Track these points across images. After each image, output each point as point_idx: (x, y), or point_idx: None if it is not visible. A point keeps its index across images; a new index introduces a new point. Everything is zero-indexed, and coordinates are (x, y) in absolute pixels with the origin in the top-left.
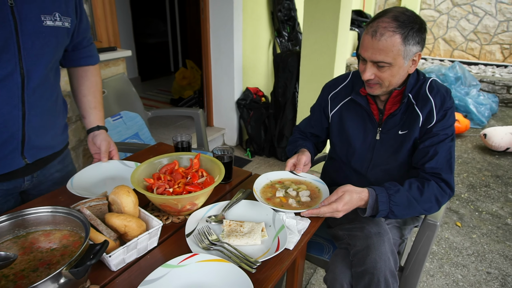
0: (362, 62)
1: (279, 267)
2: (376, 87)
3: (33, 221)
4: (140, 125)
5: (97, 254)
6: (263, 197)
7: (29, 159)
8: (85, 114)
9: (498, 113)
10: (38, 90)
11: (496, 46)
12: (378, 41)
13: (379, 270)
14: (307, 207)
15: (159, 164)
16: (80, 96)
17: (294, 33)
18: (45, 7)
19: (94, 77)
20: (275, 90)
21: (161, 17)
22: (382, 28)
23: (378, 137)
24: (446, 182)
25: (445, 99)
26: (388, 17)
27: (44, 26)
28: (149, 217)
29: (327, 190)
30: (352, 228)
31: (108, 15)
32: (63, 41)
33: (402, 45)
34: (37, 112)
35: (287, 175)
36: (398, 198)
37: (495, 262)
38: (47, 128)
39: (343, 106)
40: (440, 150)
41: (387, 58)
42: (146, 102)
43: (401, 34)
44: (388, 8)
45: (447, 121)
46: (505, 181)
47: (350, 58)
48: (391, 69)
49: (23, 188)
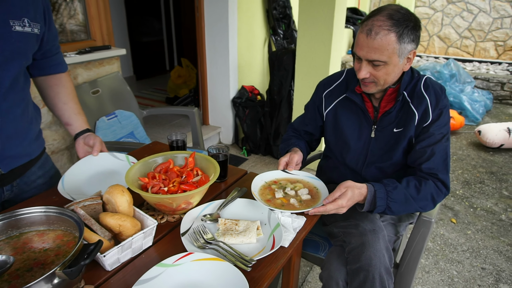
0: (357, 60)
1: (274, 265)
2: (371, 86)
3: (27, 221)
4: (135, 124)
5: (91, 254)
6: (263, 200)
7: (3, 169)
8: (70, 121)
9: (493, 110)
10: (9, 96)
11: (490, 43)
12: (373, 40)
13: (374, 267)
14: (309, 206)
15: (154, 163)
16: (60, 104)
17: (289, 31)
18: (13, 12)
19: (69, 83)
20: (270, 88)
21: (156, 15)
22: (377, 26)
23: (373, 134)
24: (443, 182)
25: (440, 97)
26: (382, 15)
27: (13, 31)
28: (144, 216)
29: (324, 186)
30: (347, 226)
31: (102, 13)
32: (32, 47)
33: (397, 43)
34: (10, 119)
35: (280, 174)
36: (396, 195)
37: (489, 258)
38: (21, 136)
39: (337, 104)
40: (437, 151)
41: (382, 56)
42: (141, 101)
43: (396, 32)
44: (382, 6)
45: (442, 120)
46: (500, 177)
47: (346, 55)
48: (386, 68)
49: (4, 198)
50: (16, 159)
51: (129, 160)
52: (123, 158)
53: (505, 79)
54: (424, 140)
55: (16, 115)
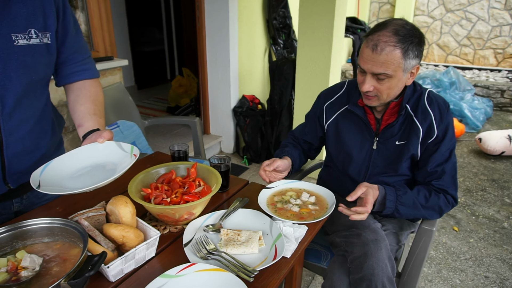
0: (361, 73)
1: (277, 276)
2: (374, 99)
3: (32, 232)
4: (137, 134)
5: (95, 265)
6: (274, 212)
7: (12, 184)
8: (82, 121)
9: (493, 117)
10: (16, 114)
11: (490, 50)
12: (378, 55)
13: (377, 276)
14: (321, 207)
15: (157, 174)
16: (77, 106)
17: (289, 40)
18: (16, 25)
19: (94, 88)
20: (271, 98)
21: (157, 26)
22: (383, 42)
23: (375, 146)
24: (452, 196)
25: (444, 112)
26: (388, 31)
27: (15, 46)
28: (146, 227)
29: (316, 186)
30: (349, 235)
31: (104, 24)
32: (42, 60)
33: (402, 59)
34: (17, 138)
35: (269, 192)
36: (405, 199)
37: (493, 266)
38: (30, 152)
39: (339, 115)
40: (447, 169)
41: (387, 70)
42: (143, 110)
43: (402, 48)
44: (387, 20)
45: (448, 136)
46: (501, 184)
47: (345, 64)
48: (390, 81)
49: (14, 209)
50: (26, 175)
51: (132, 151)
52: (127, 150)
53: (505, 86)
54: (433, 160)
55: (24, 133)
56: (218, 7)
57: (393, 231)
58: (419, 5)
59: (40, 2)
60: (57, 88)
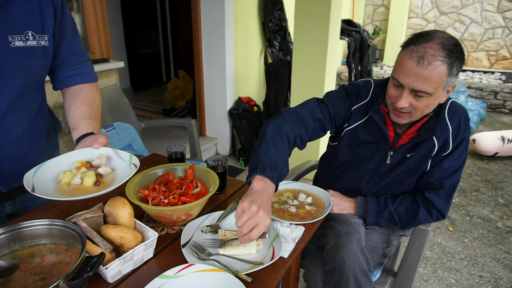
0: (397, 87)
1: (274, 276)
2: (406, 116)
3: (29, 234)
4: (134, 136)
5: (94, 266)
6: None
7: (3, 188)
8: (77, 124)
9: (486, 119)
10: (9, 117)
11: (483, 53)
12: (424, 69)
13: (348, 268)
14: (318, 208)
15: (154, 175)
16: (73, 109)
17: (285, 42)
18: (14, 26)
19: (91, 92)
20: (267, 99)
21: (153, 28)
22: (430, 55)
23: (389, 161)
24: (438, 210)
25: (463, 127)
26: (436, 43)
27: (11, 47)
28: (144, 228)
29: (312, 186)
30: (325, 227)
31: (100, 26)
32: (38, 62)
33: (447, 76)
34: (9, 140)
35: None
36: (385, 214)
37: (487, 266)
38: (23, 156)
39: (360, 125)
40: (446, 185)
41: (429, 88)
42: (139, 112)
43: (448, 64)
44: (429, 30)
45: (459, 151)
46: (495, 185)
47: (341, 66)
48: (428, 99)
49: (6, 212)
50: (18, 179)
51: (131, 160)
52: (126, 158)
53: (498, 88)
54: (437, 172)
55: (17, 136)
56: (214, 9)
57: (380, 231)
58: (413, 8)
59: (38, 4)
60: (53, 90)
